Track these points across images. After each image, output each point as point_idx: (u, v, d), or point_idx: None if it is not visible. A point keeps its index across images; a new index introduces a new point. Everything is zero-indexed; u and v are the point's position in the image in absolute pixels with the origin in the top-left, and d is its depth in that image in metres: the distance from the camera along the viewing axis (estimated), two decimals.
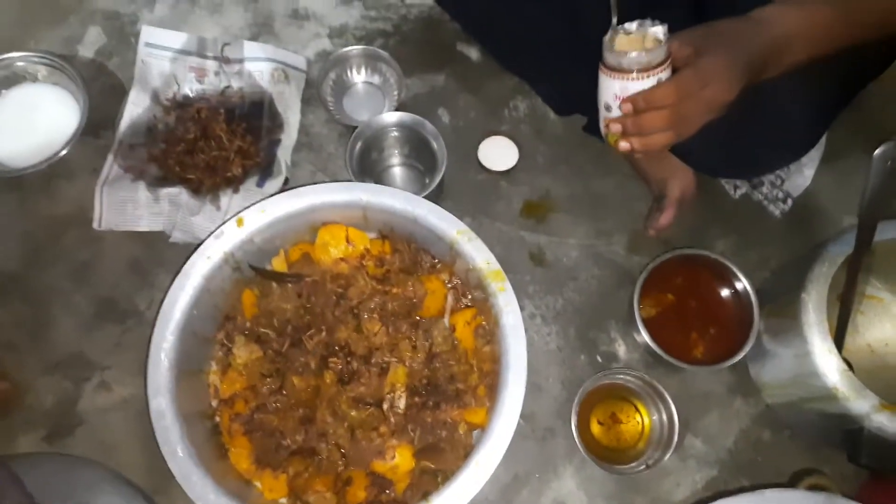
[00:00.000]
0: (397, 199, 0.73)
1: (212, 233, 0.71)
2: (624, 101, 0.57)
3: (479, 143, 0.92)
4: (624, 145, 0.59)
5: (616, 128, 0.59)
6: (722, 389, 0.84)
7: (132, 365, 0.81)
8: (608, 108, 0.59)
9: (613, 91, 0.58)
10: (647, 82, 0.56)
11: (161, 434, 0.64)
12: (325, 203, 0.73)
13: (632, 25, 0.57)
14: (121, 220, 0.85)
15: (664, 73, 0.56)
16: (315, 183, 0.74)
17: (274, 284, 0.74)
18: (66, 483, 0.62)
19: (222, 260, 0.71)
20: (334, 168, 0.91)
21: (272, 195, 0.73)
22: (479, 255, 0.71)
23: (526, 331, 0.69)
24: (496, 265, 0.70)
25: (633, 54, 0.55)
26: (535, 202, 0.91)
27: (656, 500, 0.79)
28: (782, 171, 0.92)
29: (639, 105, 0.56)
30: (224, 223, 0.71)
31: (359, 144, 0.83)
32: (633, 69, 0.56)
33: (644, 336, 0.77)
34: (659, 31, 0.56)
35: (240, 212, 0.72)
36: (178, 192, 0.85)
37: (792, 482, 0.78)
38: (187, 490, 0.62)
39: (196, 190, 0.86)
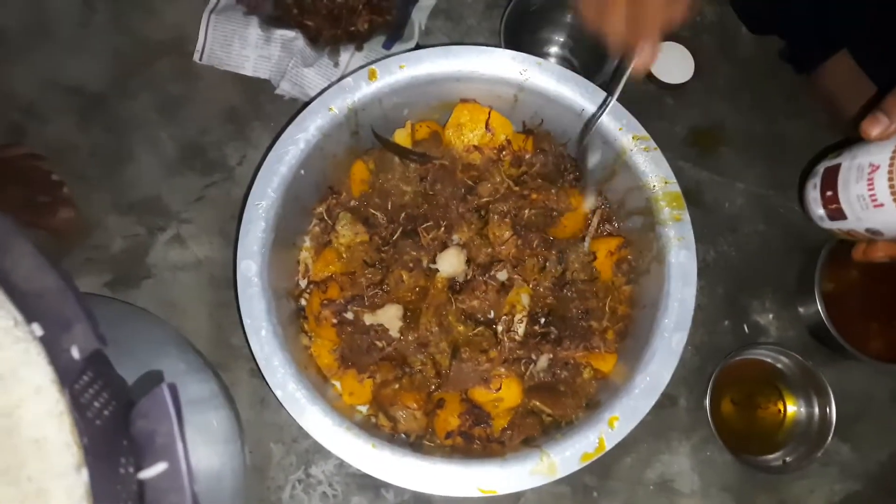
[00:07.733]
0: (570, 84, 0.58)
1: (336, 81, 0.58)
2: None
3: None
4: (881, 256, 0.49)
5: (880, 253, 0.49)
6: (886, 395, 0.70)
7: (213, 224, 0.71)
8: (875, 234, 0.48)
9: None
10: None
11: (245, 304, 0.53)
12: (475, 72, 0.59)
13: None
14: (225, 56, 0.73)
15: None
16: None
17: (396, 160, 0.61)
18: (130, 335, 0.53)
19: (345, 117, 0.58)
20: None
21: (411, 50, 0.59)
22: (656, 170, 0.57)
23: None
24: (676, 187, 0.56)
25: None
26: (704, 130, 0.75)
27: (783, 503, 0.67)
28: None
29: None
30: (351, 73, 0.58)
31: (515, 17, 0.68)
32: None
33: (821, 312, 0.63)
34: None
35: (371, 62, 0.59)
36: (294, 37, 0.72)
37: None
38: (267, 374, 0.52)
39: (313, 39, 0.73)
